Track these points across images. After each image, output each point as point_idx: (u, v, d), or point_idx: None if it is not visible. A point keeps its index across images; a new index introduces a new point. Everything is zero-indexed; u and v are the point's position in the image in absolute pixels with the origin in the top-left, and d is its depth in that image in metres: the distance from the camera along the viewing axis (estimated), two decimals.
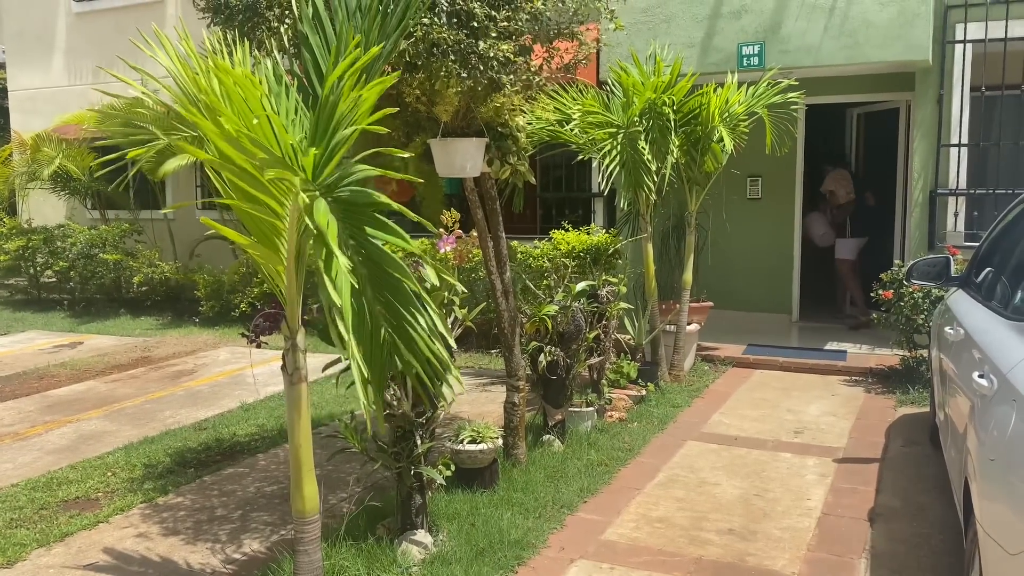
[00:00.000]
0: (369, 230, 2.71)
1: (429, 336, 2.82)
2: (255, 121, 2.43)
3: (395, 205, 2.69)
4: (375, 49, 2.68)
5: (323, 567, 3.19)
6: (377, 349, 2.81)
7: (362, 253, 2.73)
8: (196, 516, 4.25)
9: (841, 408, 5.98)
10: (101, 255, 10.60)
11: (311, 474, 3.03)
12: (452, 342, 2.86)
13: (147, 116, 9.71)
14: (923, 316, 6.15)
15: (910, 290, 6.22)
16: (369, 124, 2.69)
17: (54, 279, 11.38)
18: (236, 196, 2.78)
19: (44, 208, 12.77)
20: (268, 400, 6.41)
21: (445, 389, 3.40)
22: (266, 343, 3.47)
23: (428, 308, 2.82)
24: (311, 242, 2.81)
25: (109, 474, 4.86)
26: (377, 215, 2.71)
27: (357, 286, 2.64)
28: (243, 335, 3.48)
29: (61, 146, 11.15)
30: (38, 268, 11.45)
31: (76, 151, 11.23)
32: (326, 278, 2.59)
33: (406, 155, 3.57)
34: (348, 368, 2.70)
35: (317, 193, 2.64)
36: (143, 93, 3.19)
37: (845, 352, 7.29)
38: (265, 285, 8.81)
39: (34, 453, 5.29)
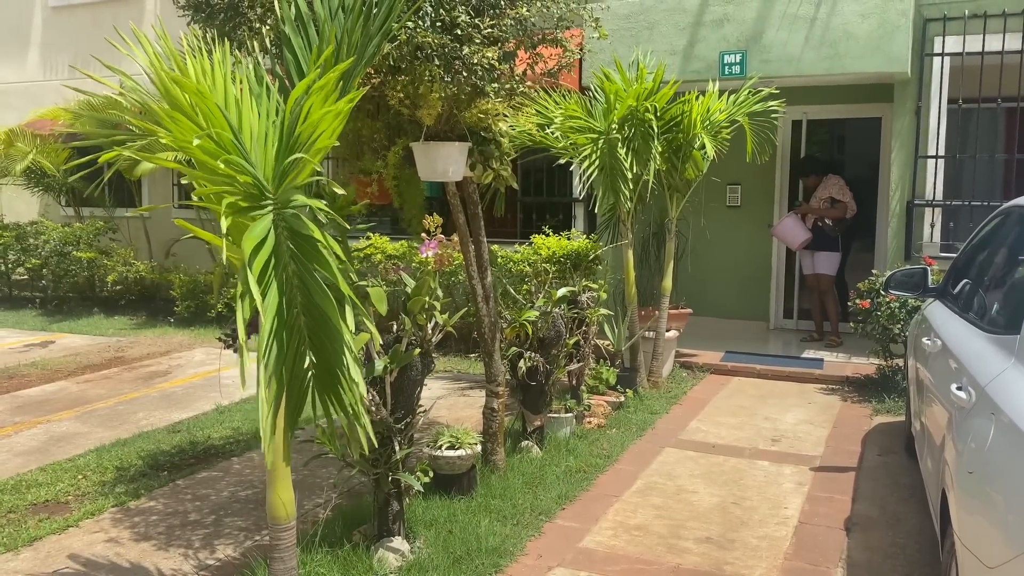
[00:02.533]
0: (312, 261, 2.54)
1: (347, 377, 2.65)
2: (195, 142, 2.33)
3: (335, 246, 2.46)
4: (342, 65, 2.61)
5: (298, 574, 3.14)
6: (296, 382, 2.67)
7: (301, 280, 2.57)
8: (169, 521, 4.19)
9: (818, 416, 6.01)
10: (75, 253, 10.45)
11: (286, 480, 2.99)
12: (362, 387, 2.61)
13: (123, 112, 9.59)
14: (899, 326, 6.21)
15: (887, 300, 6.27)
16: (321, 150, 2.58)
17: (26, 277, 11.20)
18: (213, 199, 2.74)
19: (17, 204, 12.57)
20: (243, 403, 6.33)
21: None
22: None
23: (347, 349, 2.62)
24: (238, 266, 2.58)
25: (80, 477, 4.77)
26: (321, 249, 2.53)
27: (282, 340, 2.49)
28: (219, 339, 3.43)
29: (35, 141, 10.98)
30: (9, 265, 11.26)
31: (50, 147, 11.06)
32: (239, 306, 2.40)
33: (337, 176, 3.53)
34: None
35: (267, 209, 2.53)
36: (119, 93, 3.13)
37: (822, 360, 7.34)
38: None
39: (2, 455, 5.18)
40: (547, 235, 7.76)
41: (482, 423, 4.69)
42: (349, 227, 2.89)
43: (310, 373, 2.56)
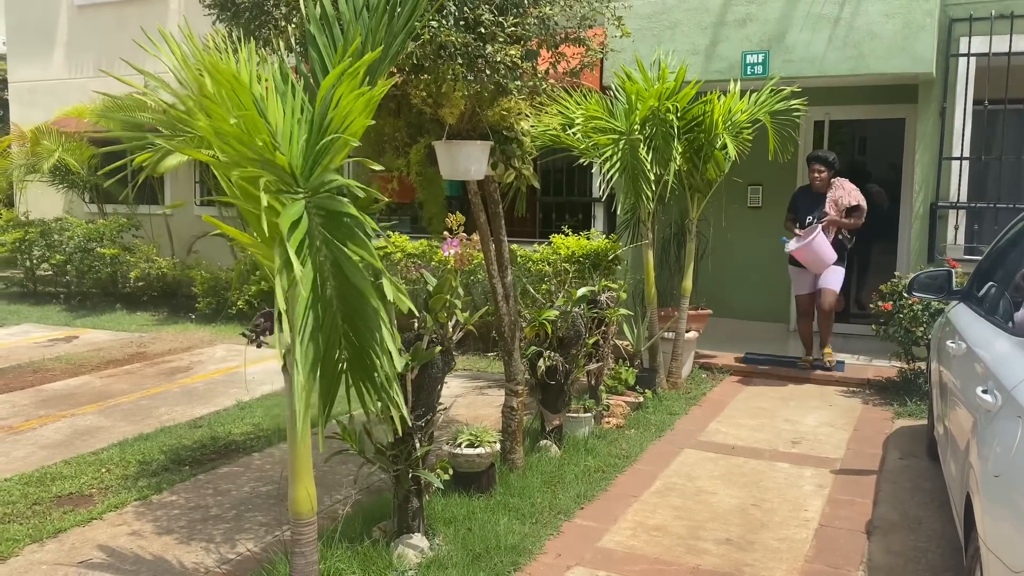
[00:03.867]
0: (346, 242, 2.59)
1: (383, 355, 2.70)
2: (232, 122, 2.39)
3: (361, 216, 2.54)
4: (371, 55, 2.65)
5: (319, 569, 3.16)
6: (330, 364, 2.71)
7: (334, 264, 2.61)
8: (190, 515, 4.23)
9: (839, 419, 5.97)
10: (98, 249, 10.56)
11: (309, 476, 3.01)
12: (398, 362, 2.67)
13: (148, 111, 9.70)
14: (922, 328, 6.15)
15: (909, 302, 6.21)
16: (355, 133, 2.63)
17: (50, 272, 11.34)
18: (239, 195, 2.77)
19: (42, 201, 12.72)
20: (264, 399, 6.38)
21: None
22: (267, 343, 3.44)
23: (384, 326, 2.67)
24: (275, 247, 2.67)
25: (103, 470, 4.83)
26: (358, 230, 2.59)
27: (319, 317, 2.52)
28: (244, 335, 3.46)
29: (61, 139, 11.11)
30: (34, 261, 11.40)
31: (75, 145, 11.19)
32: (278, 282, 2.47)
33: (377, 168, 3.54)
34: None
35: (300, 194, 2.59)
36: (144, 93, 3.16)
37: (843, 362, 7.28)
38: (263, 284, 8.78)
39: (28, 448, 5.25)
40: (566, 235, 7.76)
41: (501, 422, 4.70)
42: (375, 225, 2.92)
43: (343, 359, 2.59)
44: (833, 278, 6.91)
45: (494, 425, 4.77)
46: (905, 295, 6.19)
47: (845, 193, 6.88)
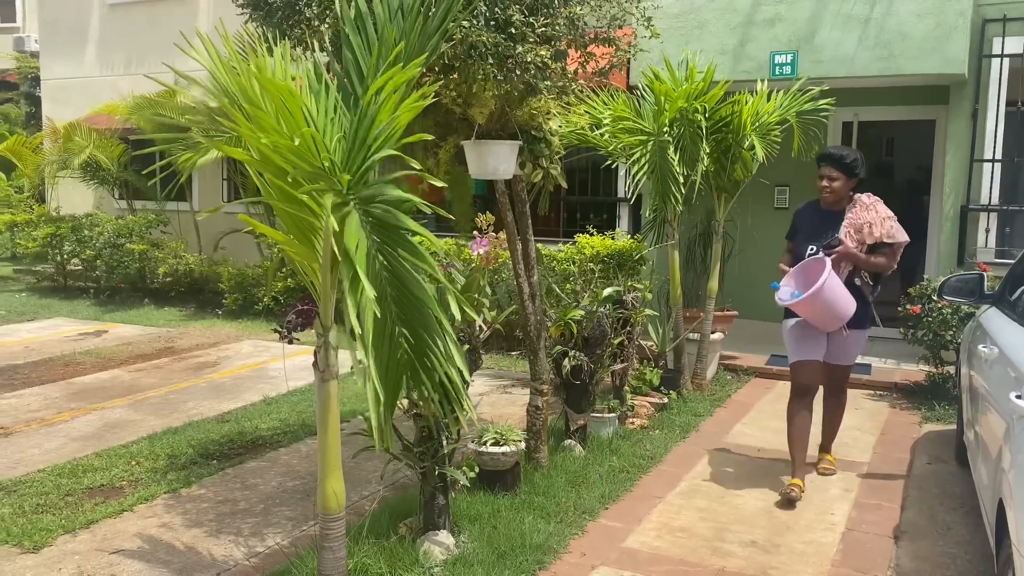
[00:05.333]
0: (401, 252, 2.67)
1: (445, 362, 2.79)
2: (296, 141, 2.44)
3: (421, 231, 2.63)
4: (417, 61, 2.68)
5: (346, 564, 3.20)
6: (393, 367, 2.78)
7: (389, 271, 2.70)
8: (219, 508, 4.28)
9: (865, 422, 5.92)
10: (127, 245, 10.70)
11: (338, 471, 3.04)
12: (467, 374, 2.78)
13: (178, 109, 9.81)
14: (951, 332, 6.09)
15: (939, 305, 6.15)
16: (403, 140, 2.69)
17: (80, 267, 11.50)
18: (275, 194, 2.80)
19: (73, 197, 12.92)
20: (290, 395, 6.44)
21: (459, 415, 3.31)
22: (298, 339, 3.48)
23: (447, 334, 2.77)
24: (339, 261, 2.76)
25: (133, 463, 4.90)
26: (408, 237, 2.67)
27: (380, 313, 2.59)
28: (275, 330, 3.50)
29: (92, 136, 11.27)
30: (65, 256, 11.57)
31: (106, 141, 11.34)
32: (349, 300, 2.56)
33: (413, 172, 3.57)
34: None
35: (352, 206, 2.63)
36: (174, 89, 3.22)
37: (870, 366, 7.22)
38: (289, 280, 8.87)
39: (60, 439, 5.35)
40: (591, 234, 7.76)
41: (525, 420, 4.71)
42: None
43: (402, 360, 2.64)
44: (852, 345, 4.64)
45: (518, 424, 4.79)
46: (934, 298, 6.12)
47: (873, 219, 4.42)
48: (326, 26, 3.38)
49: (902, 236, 4.41)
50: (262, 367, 7.43)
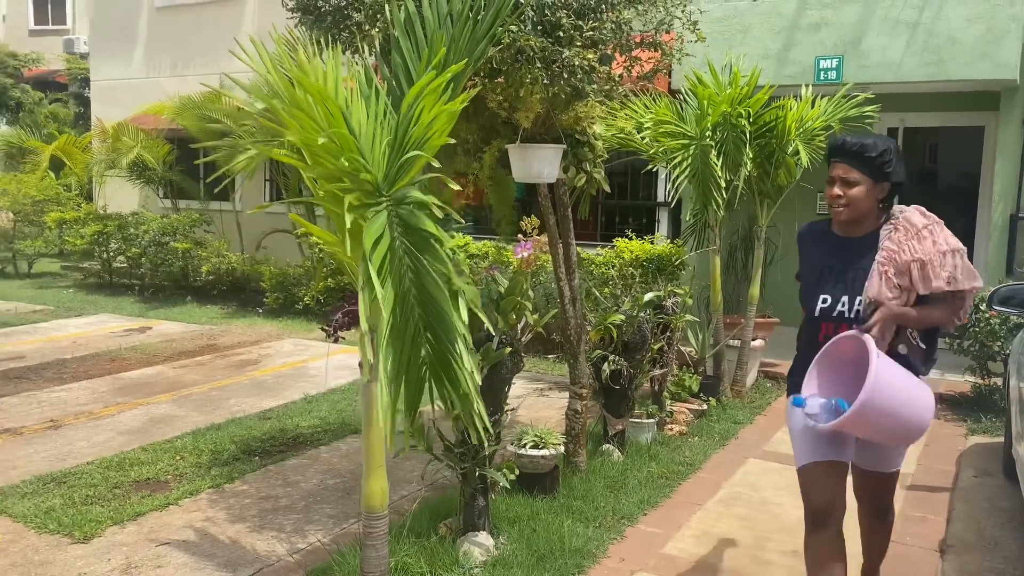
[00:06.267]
0: (423, 254, 2.66)
1: (460, 367, 2.75)
2: (320, 141, 2.45)
3: (437, 232, 2.58)
4: (455, 67, 2.69)
5: (389, 563, 3.23)
6: (415, 369, 2.76)
7: (414, 272, 2.69)
8: (261, 504, 4.35)
9: None
10: (172, 243, 10.91)
11: (382, 470, 3.07)
12: (477, 377, 2.71)
13: (222, 111, 9.98)
14: (999, 343, 5.97)
15: (986, 316, 6.03)
16: (434, 147, 2.69)
17: (125, 265, 11.75)
18: (325, 196, 2.84)
19: (119, 195, 13.20)
20: (330, 393, 6.51)
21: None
22: (343, 337, 3.53)
23: (460, 340, 2.71)
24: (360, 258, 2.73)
25: (178, 458, 4.99)
26: (429, 239, 2.64)
27: (399, 314, 2.57)
28: (323, 329, 3.55)
29: (139, 136, 11.51)
30: (111, 253, 11.82)
31: (153, 141, 11.57)
32: (360, 298, 2.54)
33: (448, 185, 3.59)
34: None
35: (384, 206, 2.64)
36: (220, 91, 3.28)
37: None
38: (329, 280, 8.97)
39: (107, 433, 5.46)
40: (629, 238, 7.74)
41: (563, 424, 4.71)
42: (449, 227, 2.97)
43: (426, 361, 2.64)
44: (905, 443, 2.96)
45: (555, 427, 4.79)
46: (982, 308, 6.01)
47: (929, 254, 2.70)
48: (377, 30, 3.42)
49: (972, 281, 2.69)
50: (303, 365, 7.52)
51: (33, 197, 12.84)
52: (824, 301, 2.82)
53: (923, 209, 2.76)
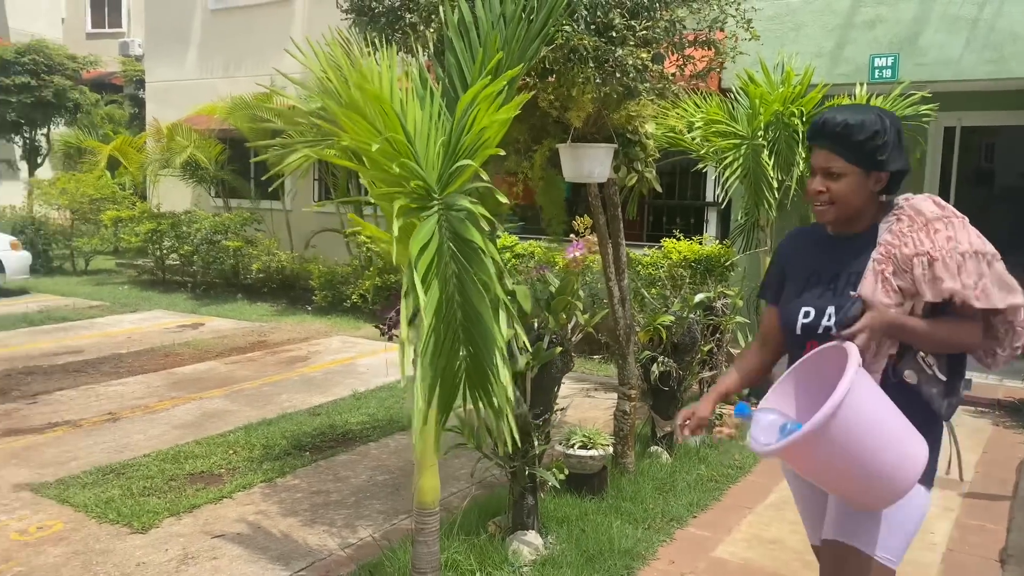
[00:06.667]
0: (467, 260, 2.66)
1: (495, 377, 2.74)
2: (374, 147, 2.47)
3: (479, 240, 2.56)
4: (510, 73, 2.70)
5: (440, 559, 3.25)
6: (450, 375, 2.76)
7: (459, 278, 2.69)
8: (312, 499, 4.41)
9: (966, 440, 5.68)
10: (223, 242, 11.11)
11: (434, 467, 3.09)
12: (511, 391, 2.68)
13: (273, 111, 10.14)
14: None
15: None
16: (488, 151, 2.70)
17: (178, 262, 12.00)
18: (380, 197, 2.87)
19: (172, 194, 13.49)
20: (378, 391, 6.58)
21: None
22: (397, 335, 3.56)
23: (498, 351, 2.70)
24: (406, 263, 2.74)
25: (231, 452, 5.09)
26: (471, 245, 2.63)
27: (440, 319, 2.57)
28: (377, 327, 3.58)
29: (192, 136, 11.75)
30: (164, 251, 12.09)
31: (205, 141, 11.81)
32: (403, 303, 2.55)
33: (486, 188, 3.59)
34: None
35: (435, 210, 2.65)
36: (274, 90, 3.33)
37: (970, 380, 6.92)
38: (377, 279, 9.06)
39: (162, 427, 5.59)
40: (677, 239, 7.68)
41: (610, 425, 4.70)
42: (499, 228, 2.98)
43: (462, 368, 2.64)
44: (897, 509, 2.09)
45: (602, 428, 4.77)
46: None
47: (938, 248, 2.05)
48: (431, 31, 3.45)
49: (1009, 296, 2.06)
50: (351, 363, 7.61)
51: (90, 196, 13.20)
52: (807, 315, 2.18)
53: (938, 199, 2.14)
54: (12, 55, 14.72)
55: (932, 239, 2.04)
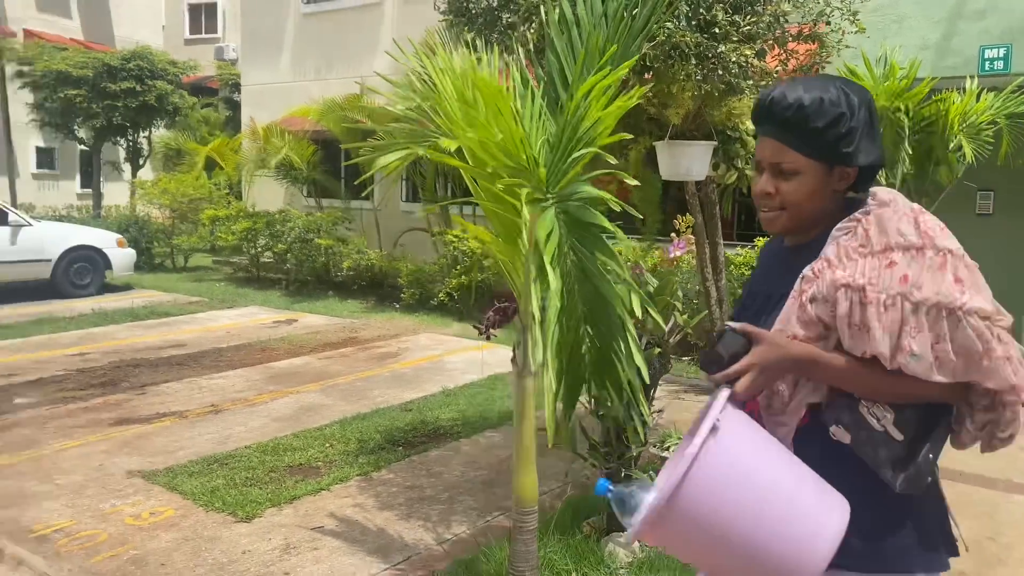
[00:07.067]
0: (592, 249, 2.69)
1: (627, 364, 2.76)
2: (498, 138, 2.51)
3: (613, 229, 2.61)
4: (627, 64, 2.68)
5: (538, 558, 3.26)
6: (575, 365, 2.78)
7: (579, 268, 2.72)
8: (407, 494, 4.48)
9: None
10: (315, 240, 11.41)
11: (532, 465, 3.10)
12: (645, 374, 2.70)
13: (365, 111, 10.35)
14: None
15: None
16: (604, 141, 2.71)
17: (271, 260, 12.39)
18: (484, 196, 2.90)
19: (265, 194, 13.94)
20: (467, 387, 6.64)
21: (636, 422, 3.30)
22: (495, 334, 3.59)
23: (629, 335, 2.74)
24: (530, 251, 2.81)
25: (327, 445, 5.22)
26: (603, 236, 2.68)
27: (565, 306, 2.60)
28: (475, 327, 3.62)
29: (286, 137, 12.10)
30: (259, 249, 12.50)
31: (299, 142, 12.15)
32: (532, 290, 2.60)
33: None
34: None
35: (550, 202, 2.68)
36: (370, 87, 3.39)
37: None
38: (463, 278, 9.15)
39: (262, 419, 5.78)
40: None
41: None
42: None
43: (588, 355, 2.66)
44: None
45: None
46: None
47: (890, 288, 1.49)
48: (531, 30, 3.46)
49: (991, 372, 1.47)
50: (439, 360, 7.70)
51: (190, 196, 13.75)
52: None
53: (923, 218, 1.55)
54: (119, 61, 15.47)
55: (879, 272, 1.49)
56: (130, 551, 3.78)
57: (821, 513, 1.43)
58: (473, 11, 4.05)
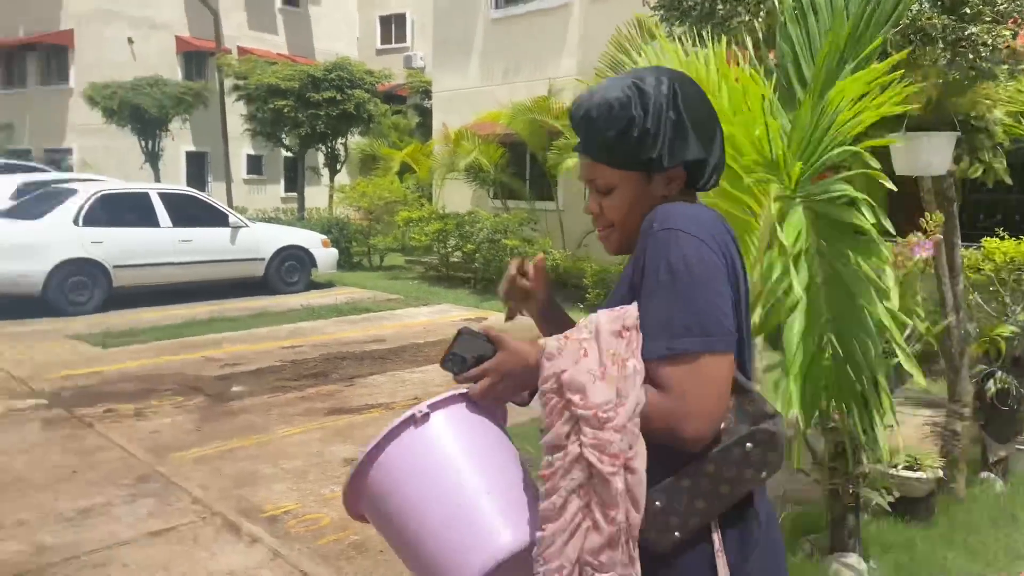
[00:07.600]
0: (845, 250, 2.52)
1: (871, 374, 2.56)
2: (756, 133, 2.41)
3: (871, 231, 2.44)
4: (893, 59, 2.49)
5: None
6: (815, 374, 2.61)
7: (828, 272, 2.56)
8: None
9: None
10: (503, 240, 11.64)
11: None
12: (886, 386, 2.50)
13: (552, 113, 10.43)
14: None
15: None
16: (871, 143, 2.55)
17: (460, 259, 12.77)
18: (711, 193, 2.79)
19: (453, 196, 14.42)
20: None
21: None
22: None
23: (881, 346, 2.54)
24: (773, 251, 2.69)
25: (527, 444, 5.25)
26: (855, 236, 2.51)
27: (807, 327, 2.46)
28: None
29: (476, 141, 12.44)
30: (449, 249, 12.92)
31: (487, 146, 12.45)
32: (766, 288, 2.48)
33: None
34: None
35: (797, 201, 2.53)
36: (558, 84, 3.36)
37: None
38: None
39: None
40: (1001, 238, 6.81)
41: (923, 444, 4.26)
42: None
43: (827, 365, 2.51)
44: None
45: (915, 447, 4.32)
46: None
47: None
48: (759, 21, 3.30)
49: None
50: None
51: (385, 199, 14.45)
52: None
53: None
54: (322, 72, 16.53)
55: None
56: (351, 536, 3.98)
57: (493, 530, 1.37)
58: (686, 4, 3.93)
